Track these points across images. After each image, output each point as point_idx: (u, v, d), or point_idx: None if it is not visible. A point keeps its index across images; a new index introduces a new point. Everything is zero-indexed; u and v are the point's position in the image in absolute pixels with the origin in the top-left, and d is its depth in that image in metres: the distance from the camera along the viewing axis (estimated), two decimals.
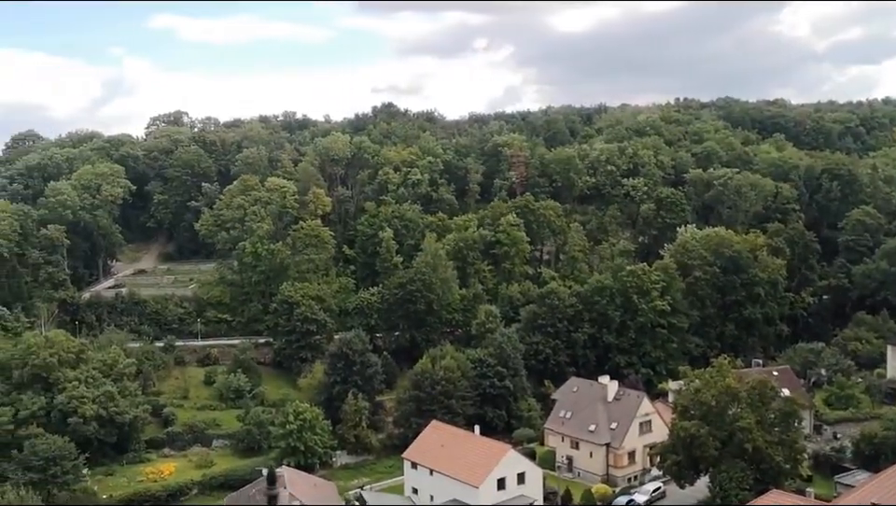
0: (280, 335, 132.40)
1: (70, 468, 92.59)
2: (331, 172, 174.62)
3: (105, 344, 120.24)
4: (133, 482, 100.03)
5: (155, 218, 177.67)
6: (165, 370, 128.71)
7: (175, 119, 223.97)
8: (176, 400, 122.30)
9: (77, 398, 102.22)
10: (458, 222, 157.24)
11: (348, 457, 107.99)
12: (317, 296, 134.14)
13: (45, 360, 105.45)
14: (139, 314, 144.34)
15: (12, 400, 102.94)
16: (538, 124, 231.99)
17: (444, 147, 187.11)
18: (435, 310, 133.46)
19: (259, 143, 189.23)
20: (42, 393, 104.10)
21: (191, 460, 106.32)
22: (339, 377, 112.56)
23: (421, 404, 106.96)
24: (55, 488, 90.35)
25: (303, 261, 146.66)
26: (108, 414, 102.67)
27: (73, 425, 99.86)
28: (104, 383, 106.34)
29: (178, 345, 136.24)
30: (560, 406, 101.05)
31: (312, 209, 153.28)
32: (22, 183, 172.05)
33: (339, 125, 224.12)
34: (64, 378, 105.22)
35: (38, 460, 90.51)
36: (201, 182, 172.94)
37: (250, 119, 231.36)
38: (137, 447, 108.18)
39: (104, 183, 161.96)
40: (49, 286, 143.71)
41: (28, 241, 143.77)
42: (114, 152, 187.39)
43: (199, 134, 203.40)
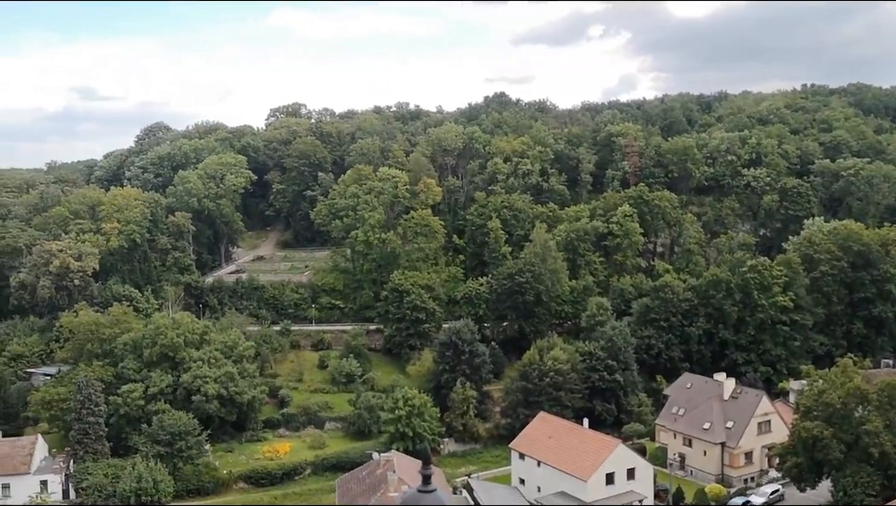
0: (390, 322, 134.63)
1: (194, 443, 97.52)
2: (443, 162, 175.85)
3: (227, 327, 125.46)
4: (250, 459, 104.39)
5: (273, 207, 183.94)
6: (281, 353, 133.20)
7: (293, 110, 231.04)
8: (292, 382, 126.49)
9: (200, 377, 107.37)
10: (569, 213, 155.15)
11: (455, 445, 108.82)
12: (427, 285, 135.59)
13: (172, 340, 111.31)
14: (258, 298, 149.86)
15: (143, 378, 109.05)
16: (653, 113, 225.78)
17: (556, 137, 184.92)
18: (544, 301, 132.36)
19: (372, 133, 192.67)
20: (169, 371, 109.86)
21: (305, 441, 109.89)
22: (447, 365, 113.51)
23: (528, 395, 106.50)
24: (180, 461, 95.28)
25: (414, 250, 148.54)
26: (229, 394, 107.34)
27: (196, 402, 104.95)
28: (225, 363, 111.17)
29: (294, 330, 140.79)
30: (673, 402, 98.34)
31: (423, 199, 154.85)
32: (153, 172, 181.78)
33: (451, 115, 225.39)
34: (189, 358, 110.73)
35: (165, 434, 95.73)
36: (317, 172, 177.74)
37: (364, 111, 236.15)
38: (255, 426, 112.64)
39: (227, 172, 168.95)
40: (176, 270, 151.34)
41: (158, 227, 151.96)
42: (236, 143, 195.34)
43: (316, 125, 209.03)
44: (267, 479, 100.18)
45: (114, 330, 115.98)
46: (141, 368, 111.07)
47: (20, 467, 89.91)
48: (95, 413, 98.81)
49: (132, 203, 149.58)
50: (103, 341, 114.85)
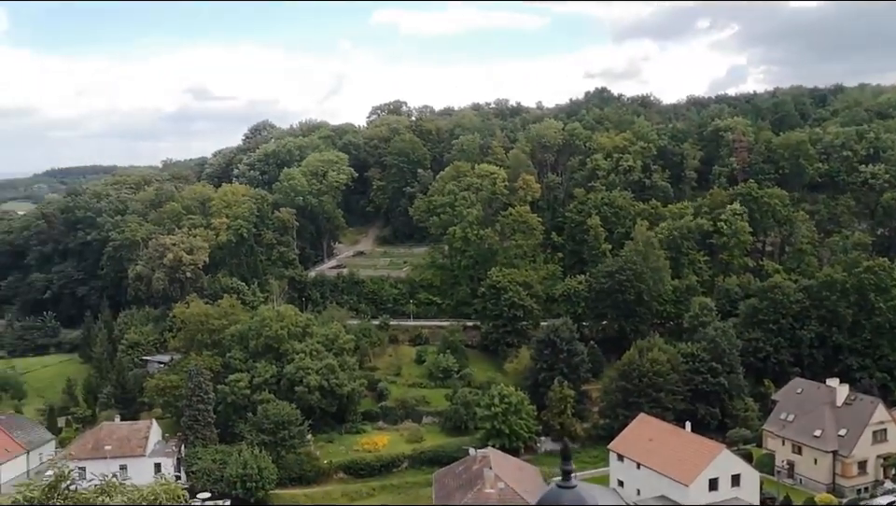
0: (487, 319, 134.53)
1: (296, 432, 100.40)
2: (542, 158, 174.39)
3: (328, 320, 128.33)
4: (350, 450, 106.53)
5: (374, 203, 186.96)
6: (380, 347, 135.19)
7: (394, 108, 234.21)
8: (390, 376, 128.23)
9: (302, 368, 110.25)
10: (673, 210, 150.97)
11: (552, 444, 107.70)
12: (525, 282, 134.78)
13: (276, 332, 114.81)
14: (358, 293, 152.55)
15: (249, 368, 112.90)
16: (763, 107, 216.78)
17: (659, 132, 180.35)
18: (645, 300, 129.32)
19: (471, 130, 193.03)
20: (273, 362, 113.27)
21: (403, 434, 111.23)
22: (545, 364, 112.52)
23: (628, 396, 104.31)
24: (283, 450, 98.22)
25: (512, 247, 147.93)
26: (329, 386, 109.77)
27: (299, 393, 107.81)
28: (326, 356, 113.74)
29: (392, 324, 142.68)
30: (781, 408, 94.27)
31: (521, 195, 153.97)
32: (259, 169, 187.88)
33: (551, 111, 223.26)
34: (292, 350, 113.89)
35: (269, 423, 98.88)
36: (416, 169, 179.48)
37: (463, 108, 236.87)
38: (354, 418, 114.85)
39: (329, 169, 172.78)
40: (281, 264, 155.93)
41: (264, 222, 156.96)
42: (338, 141, 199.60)
43: (415, 123, 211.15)
44: (366, 470, 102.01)
45: (222, 322, 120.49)
46: (247, 358, 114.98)
47: (136, 449, 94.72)
48: (205, 400, 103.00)
49: (240, 200, 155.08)
50: (212, 331, 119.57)
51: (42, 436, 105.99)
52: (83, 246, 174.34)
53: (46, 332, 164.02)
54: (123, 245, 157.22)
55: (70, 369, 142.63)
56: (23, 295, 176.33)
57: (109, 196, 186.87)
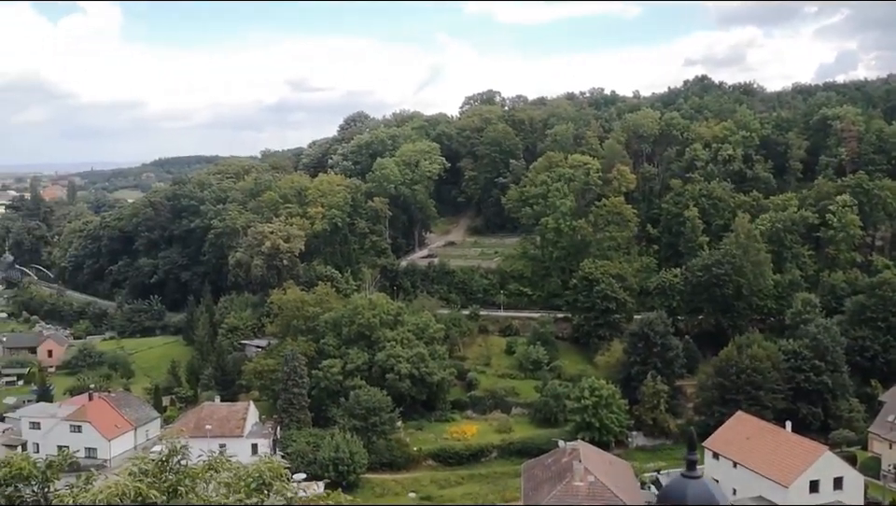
0: (579, 311, 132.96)
1: (387, 419, 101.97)
2: (637, 148, 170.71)
3: (419, 309, 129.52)
4: (439, 438, 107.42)
5: (465, 194, 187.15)
6: (470, 337, 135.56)
7: (487, 98, 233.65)
8: (479, 366, 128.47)
9: (393, 356, 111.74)
10: (775, 202, 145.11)
11: (644, 439, 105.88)
12: (618, 274, 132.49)
13: (368, 320, 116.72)
14: (448, 283, 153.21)
15: (342, 354, 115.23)
16: (876, 95, 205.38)
17: (763, 121, 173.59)
18: (744, 295, 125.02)
19: (565, 120, 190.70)
20: (365, 350, 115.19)
21: (491, 424, 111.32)
22: (638, 358, 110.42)
23: (725, 393, 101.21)
24: (374, 435, 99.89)
25: (605, 239, 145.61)
26: (420, 374, 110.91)
27: (390, 380, 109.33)
28: (416, 344, 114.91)
29: (482, 315, 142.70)
30: (889, 409, 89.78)
31: (615, 186, 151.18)
32: (353, 160, 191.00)
33: (647, 100, 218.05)
34: (384, 337, 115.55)
35: (361, 409, 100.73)
36: (508, 159, 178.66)
37: (557, 97, 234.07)
38: (443, 407, 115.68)
39: (422, 159, 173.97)
40: (373, 253, 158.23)
41: (357, 212, 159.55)
42: (431, 131, 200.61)
43: (508, 113, 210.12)
44: (455, 459, 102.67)
45: (317, 309, 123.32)
46: (340, 345, 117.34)
47: (234, 430, 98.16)
48: (299, 384, 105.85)
49: (335, 189, 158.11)
50: (307, 318, 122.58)
51: (148, 414, 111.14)
52: (187, 233, 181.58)
53: (152, 315, 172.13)
54: (224, 232, 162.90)
55: (174, 351, 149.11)
56: (132, 279, 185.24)
57: (211, 185, 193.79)
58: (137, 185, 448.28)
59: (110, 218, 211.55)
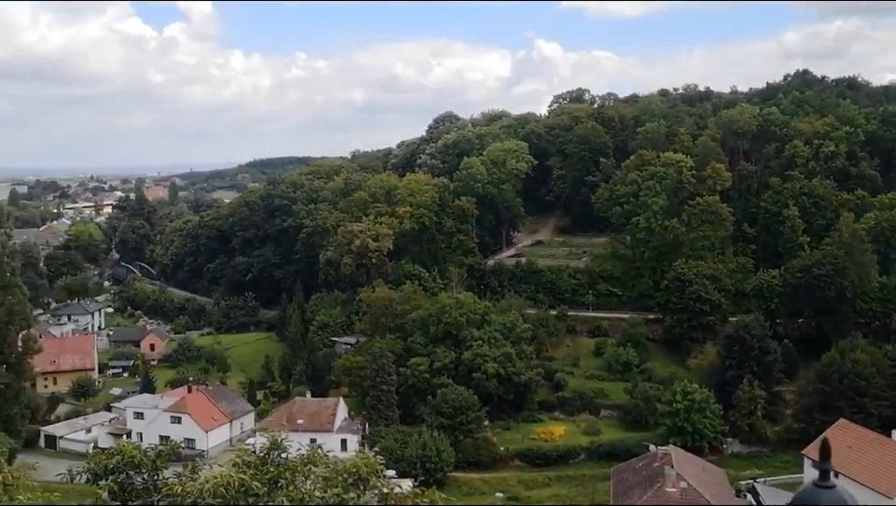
0: (671, 313, 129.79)
1: (473, 418, 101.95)
2: (734, 146, 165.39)
3: (506, 309, 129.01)
4: (526, 438, 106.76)
5: (553, 193, 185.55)
6: (557, 337, 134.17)
7: (576, 96, 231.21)
8: (567, 366, 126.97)
9: (480, 355, 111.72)
10: (882, 201, 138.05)
11: (740, 446, 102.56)
12: (712, 275, 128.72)
13: (455, 319, 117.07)
14: (535, 282, 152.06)
15: (428, 352, 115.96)
16: None
17: (868, 116, 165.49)
18: (847, 298, 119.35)
19: (657, 117, 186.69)
20: (452, 348, 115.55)
21: (579, 426, 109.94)
22: (733, 361, 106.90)
23: (826, 399, 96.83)
24: (461, 434, 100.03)
25: (698, 238, 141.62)
26: (506, 374, 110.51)
27: (476, 379, 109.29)
28: (503, 344, 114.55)
29: (570, 315, 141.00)
30: None
31: (710, 184, 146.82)
32: (440, 159, 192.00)
33: (744, 96, 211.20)
34: (471, 337, 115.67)
35: (448, 407, 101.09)
36: (598, 157, 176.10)
37: (649, 94, 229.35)
38: (531, 407, 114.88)
39: (509, 158, 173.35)
40: (460, 252, 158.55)
41: (445, 211, 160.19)
42: (520, 130, 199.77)
43: (598, 111, 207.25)
44: (542, 459, 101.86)
45: (405, 307, 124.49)
46: (427, 343, 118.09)
47: (325, 424, 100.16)
48: (388, 382, 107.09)
49: (423, 189, 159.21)
50: (395, 316, 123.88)
51: (243, 407, 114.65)
52: (280, 232, 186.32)
53: (247, 312, 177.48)
54: (315, 231, 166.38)
55: (267, 346, 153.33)
56: (228, 277, 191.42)
57: (303, 185, 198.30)
58: (233, 185, 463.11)
59: (208, 218, 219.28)
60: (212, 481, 13.06)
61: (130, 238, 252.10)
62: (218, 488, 12.87)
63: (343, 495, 14.26)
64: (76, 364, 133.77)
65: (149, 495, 15.20)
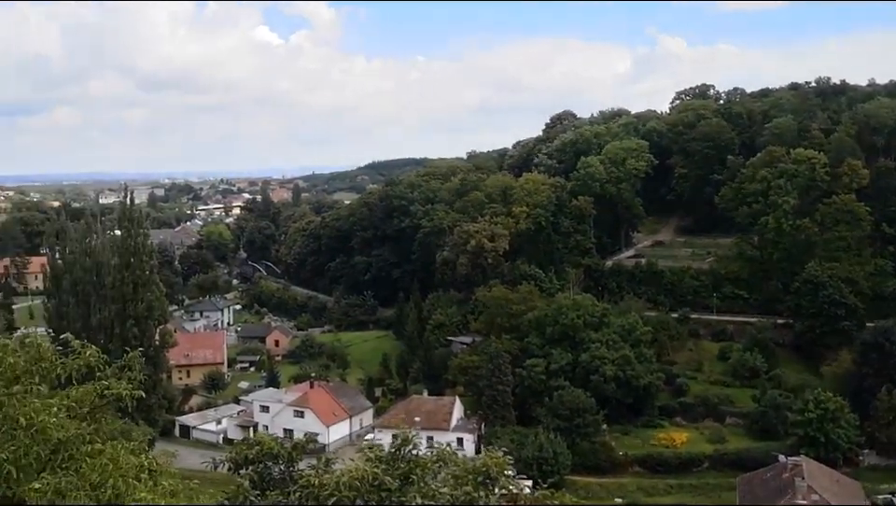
0: (802, 317, 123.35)
1: (591, 421, 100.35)
2: (871, 141, 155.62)
3: (625, 311, 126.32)
4: (646, 444, 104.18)
5: (675, 192, 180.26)
6: (679, 341, 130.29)
7: (700, 92, 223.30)
8: (689, 371, 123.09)
9: (598, 358, 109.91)
10: None
11: (877, 458, 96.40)
12: (848, 278, 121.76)
13: (572, 321, 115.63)
14: (656, 284, 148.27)
15: (545, 354, 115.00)
16: None
17: None
18: None
19: (787, 112, 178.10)
20: (569, 350, 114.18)
21: (703, 433, 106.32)
22: (871, 369, 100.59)
23: None
24: (578, 437, 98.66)
25: (833, 239, 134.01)
26: (625, 377, 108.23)
27: (594, 382, 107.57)
28: (622, 347, 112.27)
29: (693, 318, 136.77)
30: None
31: (845, 182, 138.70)
32: (557, 159, 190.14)
33: (883, 89, 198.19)
34: (588, 338, 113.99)
35: (564, 410, 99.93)
36: (723, 155, 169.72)
37: (779, 88, 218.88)
38: (651, 412, 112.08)
39: (628, 157, 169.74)
40: (577, 253, 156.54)
41: (561, 211, 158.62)
42: (640, 127, 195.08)
43: (723, 106, 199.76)
44: (663, 466, 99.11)
45: (521, 307, 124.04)
46: (544, 344, 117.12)
47: (441, 423, 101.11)
48: (503, 382, 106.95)
49: (539, 188, 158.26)
50: (511, 316, 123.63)
51: (362, 403, 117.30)
52: (398, 233, 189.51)
53: (365, 310, 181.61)
54: (432, 231, 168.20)
55: (385, 344, 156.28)
56: (348, 276, 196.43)
57: (420, 186, 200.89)
58: (353, 187, 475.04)
59: (329, 219, 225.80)
60: (347, 474, 13.27)
61: (256, 238, 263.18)
62: (354, 481, 13.05)
63: (472, 494, 14.19)
64: (207, 358, 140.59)
65: (286, 485, 15.63)
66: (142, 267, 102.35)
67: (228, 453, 17.13)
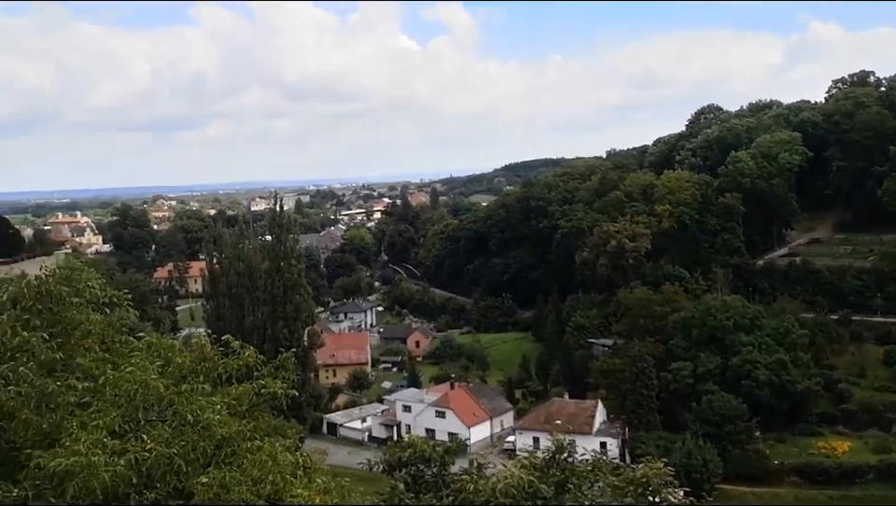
0: None
1: (742, 428, 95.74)
2: None
3: (778, 312, 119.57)
4: (804, 453, 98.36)
5: (832, 186, 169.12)
6: (839, 344, 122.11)
7: (859, 79, 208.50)
8: (851, 376, 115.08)
9: (750, 362, 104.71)
10: None
11: None
12: None
13: (721, 323, 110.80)
14: (812, 284, 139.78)
15: (691, 357, 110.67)
16: None
17: None
18: None
19: None
20: (717, 353, 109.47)
21: (867, 442, 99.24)
22: None
23: None
24: (729, 444, 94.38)
25: None
26: (780, 382, 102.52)
27: (746, 387, 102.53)
28: (776, 350, 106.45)
29: (855, 320, 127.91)
30: None
31: None
32: (701, 155, 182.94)
33: None
34: (738, 341, 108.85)
35: (713, 415, 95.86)
36: (885, 145, 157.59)
37: None
38: (809, 419, 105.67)
39: (780, 151, 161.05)
40: (725, 252, 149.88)
41: (707, 208, 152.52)
42: (793, 119, 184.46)
43: (885, 94, 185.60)
44: (823, 477, 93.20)
45: (665, 309, 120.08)
46: (690, 347, 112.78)
47: (583, 427, 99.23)
48: (648, 386, 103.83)
49: (682, 186, 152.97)
50: (654, 318, 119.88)
51: (502, 405, 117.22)
52: (535, 234, 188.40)
53: (504, 312, 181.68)
54: (570, 232, 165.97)
55: (524, 346, 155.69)
56: (486, 278, 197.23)
57: (558, 186, 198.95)
58: (489, 189, 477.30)
59: (466, 221, 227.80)
60: (503, 480, 12.98)
61: (396, 241, 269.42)
62: (509, 489, 12.75)
63: None
64: (352, 358, 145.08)
65: (439, 489, 15.54)
66: (291, 271, 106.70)
67: (382, 454, 17.29)
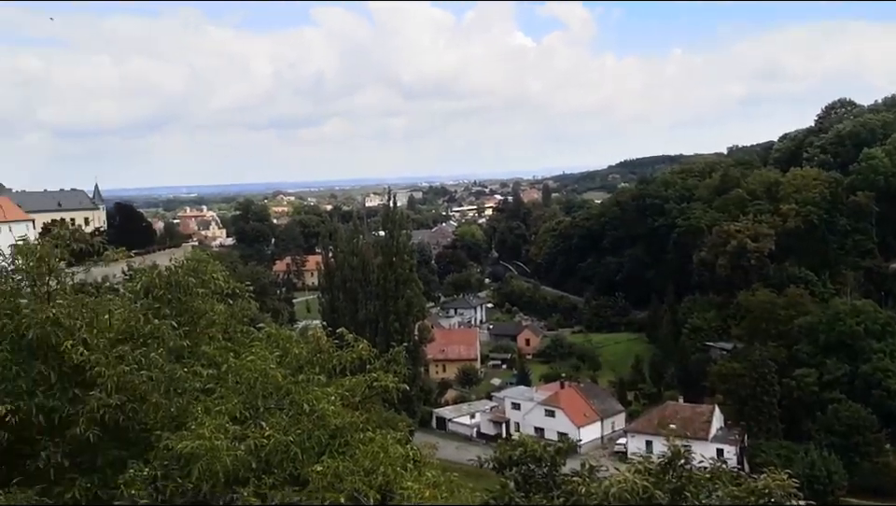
0: None
1: (871, 439, 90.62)
2: None
3: None
4: None
5: None
6: None
7: None
8: None
9: (881, 370, 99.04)
10: None
11: None
12: None
13: (850, 328, 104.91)
14: None
15: (817, 363, 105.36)
16: None
17: None
18: None
19: None
20: (845, 361, 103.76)
21: None
22: None
23: None
24: (856, 456, 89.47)
25: None
26: None
27: (876, 397, 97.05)
28: None
29: None
30: None
31: None
32: (832, 152, 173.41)
33: None
34: (869, 348, 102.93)
35: (840, 425, 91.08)
36: None
37: None
38: None
39: None
40: (856, 254, 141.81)
41: (837, 208, 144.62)
42: None
43: None
44: None
45: (789, 312, 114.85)
46: (815, 353, 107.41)
47: (698, 432, 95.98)
48: (769, 392, 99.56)
49: (810, 184, 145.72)
50: (777, 322, 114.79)
51: (613, 406, 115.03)
52: (651, 232, 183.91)
53: (616, 311, 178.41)
54: (688, 231, 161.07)
55: (637, 347, 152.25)
56: (599, 276, 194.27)
57: (676, 184, 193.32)
58: (603, 186, 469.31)
59: (579, 218, 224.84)
60: (617, 485, 12.67)
61: (507, 238, 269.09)
62: (623, 493, 12.43)
63: None
64: (461, 354, 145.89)
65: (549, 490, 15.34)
66: (403, 266, 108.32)
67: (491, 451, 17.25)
